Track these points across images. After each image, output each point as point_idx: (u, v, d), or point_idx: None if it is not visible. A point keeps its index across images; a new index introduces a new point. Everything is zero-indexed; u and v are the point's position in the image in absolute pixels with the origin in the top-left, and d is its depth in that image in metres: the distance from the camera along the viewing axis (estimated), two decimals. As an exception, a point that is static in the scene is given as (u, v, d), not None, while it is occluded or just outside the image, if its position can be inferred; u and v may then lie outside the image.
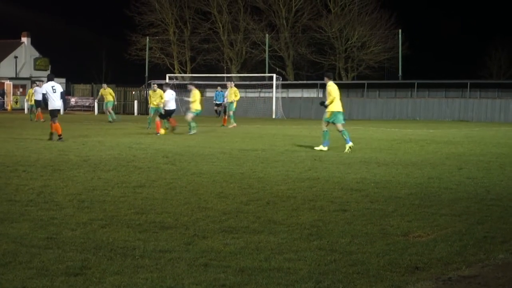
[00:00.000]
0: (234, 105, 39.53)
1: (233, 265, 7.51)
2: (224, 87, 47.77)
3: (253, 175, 15.31)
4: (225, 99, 42.61)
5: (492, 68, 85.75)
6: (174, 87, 61.08)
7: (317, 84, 63.43)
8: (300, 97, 61.62)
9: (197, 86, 38.76)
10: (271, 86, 59.35)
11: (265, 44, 71.00)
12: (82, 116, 46.58)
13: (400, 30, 64.92)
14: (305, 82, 68.03)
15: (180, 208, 10.92)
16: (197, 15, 77.96)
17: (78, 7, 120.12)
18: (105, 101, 46.47)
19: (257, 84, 61.51)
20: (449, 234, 9.19)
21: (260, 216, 10.35)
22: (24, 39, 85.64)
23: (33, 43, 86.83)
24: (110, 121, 43.91)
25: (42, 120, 42.42)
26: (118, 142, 24.88)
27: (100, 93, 47.47)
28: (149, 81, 64.74)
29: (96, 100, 67.61)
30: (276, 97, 58.51)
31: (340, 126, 22.67)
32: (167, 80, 61.11)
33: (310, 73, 76.82)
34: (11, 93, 73.27)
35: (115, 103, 49.10)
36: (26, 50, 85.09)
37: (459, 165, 17.90)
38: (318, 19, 73.55)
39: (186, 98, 33.84)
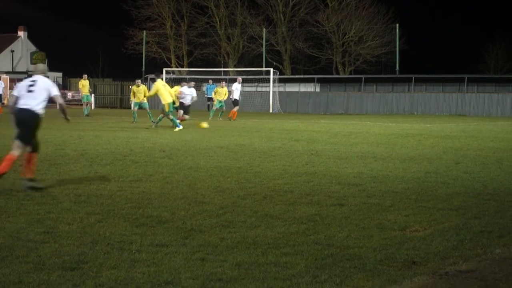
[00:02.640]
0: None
1: (230, 260, 7.51)
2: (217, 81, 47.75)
3: (250, 170, 15.30)
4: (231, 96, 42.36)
5: (489, 63, 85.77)
6: (171, 81, 61.14)
7: (314, 78, 63.47)
8: (297, 92, 61.61)
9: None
10: (268, 81, 59.27)
11: (262, 39, 70.92)
12: (79, 111, 46.43)
13: (397, 25, 64.88)
14: (302, 76, 68.03)
15: (177, 202, 10.91)
16: (194, 9, 77.86)
17: (75, 1, 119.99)
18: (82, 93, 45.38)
19: (254, 78, 61.48)
20: (446, 229, 9.20)
21: (257, 210, 10.35)
22: (21, 33, 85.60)
23: (30, 37, 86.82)
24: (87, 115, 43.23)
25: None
26: (114, 136, 24.85)
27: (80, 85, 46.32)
28: (146, 75, 64.74)
29: (93, 94, 67.58)
30: (273, 92, 58.46)
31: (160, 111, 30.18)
32: (164, 74, 61.01)
33: (307, 67, 76.81)
34: (8, 87, 73.18)
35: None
36: (22, 44, 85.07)
37: (456, 159, 17.90)
38: (315, 13, 73.48)
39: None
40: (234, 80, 46.71)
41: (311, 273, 7.04)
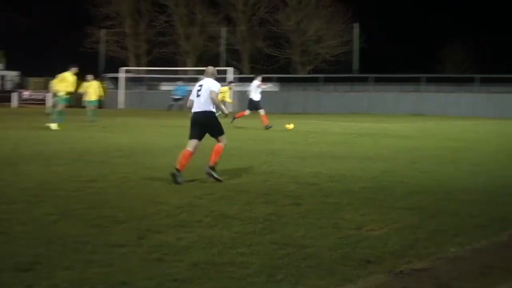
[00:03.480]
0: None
1: (186, 260, 7.48)
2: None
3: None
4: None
5: (446, 63, 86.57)
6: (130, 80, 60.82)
7: (273, 78, 63.55)
8: (256, 91, 61.60)
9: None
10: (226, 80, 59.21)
11: (222, 38, 70.80)
12: (37, 110, 46.05)
13: (357, 24, 65.22)
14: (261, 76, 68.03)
15: (132, 203, 10.85)
16: (154, 8, 77.54)
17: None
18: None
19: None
20: (402, 228, 9.26)
21: (214, 210, 10.33)
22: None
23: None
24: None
25: None
26: (71, 135, 24.68)
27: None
28: (104, 74, 64.36)
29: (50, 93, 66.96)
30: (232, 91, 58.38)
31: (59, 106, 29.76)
32: (124, 73, 60.70)
33: (266, 66, 76.83)
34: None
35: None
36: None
37: (413, 159, 18.04)
38: (275, 12, 73.59)
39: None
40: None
41: (266, 273, 7.04)
